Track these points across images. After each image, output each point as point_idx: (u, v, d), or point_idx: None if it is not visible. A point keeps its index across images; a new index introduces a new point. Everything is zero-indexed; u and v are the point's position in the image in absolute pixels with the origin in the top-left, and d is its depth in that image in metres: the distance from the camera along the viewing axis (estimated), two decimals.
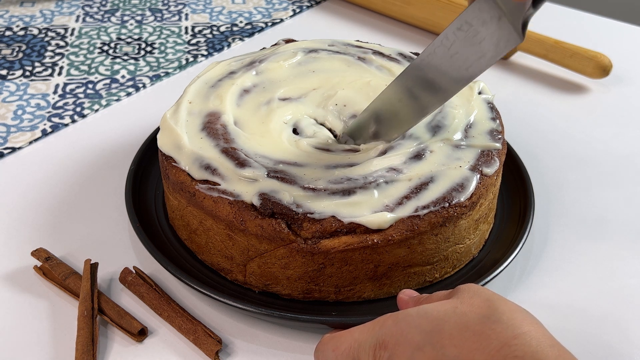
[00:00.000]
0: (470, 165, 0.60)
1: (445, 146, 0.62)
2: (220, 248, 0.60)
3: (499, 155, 0.63)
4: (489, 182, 0.61)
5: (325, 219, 0.56)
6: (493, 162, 0.62)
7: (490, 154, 0.63)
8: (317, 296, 0.59)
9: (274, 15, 1.09)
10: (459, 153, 0.62)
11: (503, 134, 0.66)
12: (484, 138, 0.64)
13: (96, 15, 1.08)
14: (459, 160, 0.61)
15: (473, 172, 0.60)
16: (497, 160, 0.63)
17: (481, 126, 0.65)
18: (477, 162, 0.61)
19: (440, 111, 0.66)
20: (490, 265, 0.61)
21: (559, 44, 0.94)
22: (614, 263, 0.66)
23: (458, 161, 0.61)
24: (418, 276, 0.60)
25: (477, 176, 0.60)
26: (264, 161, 0.61)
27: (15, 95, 0.88)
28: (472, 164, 0.61)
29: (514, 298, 0.62)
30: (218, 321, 0.60)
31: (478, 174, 0.60)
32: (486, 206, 0.62)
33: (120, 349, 0.57)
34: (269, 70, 0.72)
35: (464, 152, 0.62)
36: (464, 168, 0.60)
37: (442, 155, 0.61)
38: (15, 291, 0.62)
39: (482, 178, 0.60)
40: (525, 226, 0.64)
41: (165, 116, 0.66)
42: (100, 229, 0.69)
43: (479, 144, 0.63)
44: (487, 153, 0.63)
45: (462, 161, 0.61)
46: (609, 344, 0.59)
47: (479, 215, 0.61)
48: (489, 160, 0.62)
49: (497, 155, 0.63)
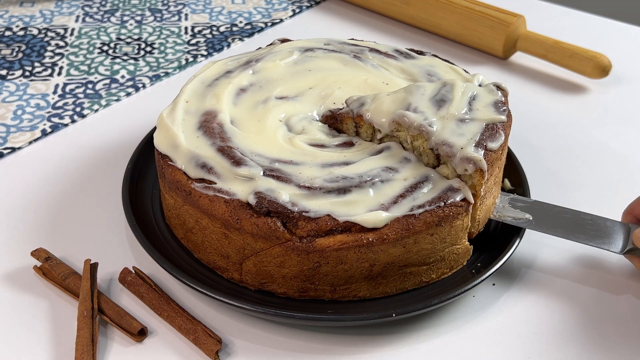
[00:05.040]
0: (475, 141, 0.60)
1: (450, 121, 0.61)
2: (216, 247, 0.61)
3: (504, 129, 0.62)
4: (494, 157, 0.60)
5: (321, 218, 0.56)
6: (498, 136, 0.61)
7: (495, 128, 0.62)
8: (312, 295, 0.59)
9: (274, 15, 1.10)
10: (463, 128, 0.61)
11: (507, 104, 0.65)
12: (488, 111, 0.63)
13: (96, 15, 1.08)
14: (462, 136, 0.60)
15: (477, 149, 0.59)
16: (502, 134, 0.62)
17: (485, 98, 0.65)
18: (481, 137, 0.60)
19: (444, 85, 0.65)
20: (485, 266, 0.61)
21: (558, 44, 0.94)
22: (615, 262, 0.66)
23: (461, 137, 0.60)
24: (414, 276, 0.60)
25: (482, 151, 0.59)
26: (260, 160, 0.61)
27: (15, 95, 0.88)
28: (477, 140, 0.60)
29: (512, 298, 0.62)
30: (218, 321, 0.60)
31: (482, 149, 0.60)
32: (492, 181, 0.62)
33: (120, 349, 0.57)
34: (265, 69, 0.73)
35: (468, 127, 0.61)
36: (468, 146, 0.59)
37: (447, 131, 0.60)
38: (15, 291, 0.62)
39: (487, 153, 0.60)
40: (521, 227, 0.64)
41: (161, 115, 0.67)
42: (100, 228, 0.69)
43: (484, 117, 0.62)
44: (491, 127, 0.62)
45: (465, 137, 0.60)
46: (609, 344, 0.59)
47: (484, 191, 0.61)
48: (494, 135, 0.61)
49: (502, 128, 0.62)
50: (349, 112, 0.66)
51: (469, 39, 1.00)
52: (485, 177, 0.59)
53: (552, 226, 0.63)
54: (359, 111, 0.65)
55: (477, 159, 0.58)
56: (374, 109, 0.64)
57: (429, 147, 0.61)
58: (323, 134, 0.66)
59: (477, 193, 0.60)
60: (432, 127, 0.60)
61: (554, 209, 0.65)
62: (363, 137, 0.66)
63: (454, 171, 0.60)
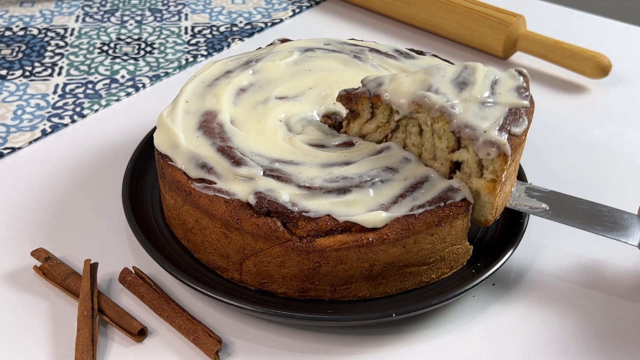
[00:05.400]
0: (499, 124, 0.58)
1: (472, 104, 0.59)
2: (216, 247, 0.61)
3: (527, 114, 0.61)
4: (517, 142, 0.59)
5: (321, 218, 0.56)
6: (522, 121, 0.59)
7: (519, 112, 0.60)
8: (312, 295, 0.59)
9: (274, 15, 1.10)
10: (485, 111, 0.59)
11: (529, 89, 0.63)
12: (511, 95, 0.61)
13: (96, 15, 1.08)
14: (485, 120, 0.58)
15: (501, 133, 0.57)
16: (526, 119, 0.60)
17: (507, 83, 0.63)
18: (505, 121, 0.58)
19: (465, 68, 0.63)
20: (485, 266, 0.61)
21: (558, 44, 0.94)
22: (614, 262, 0.66)
23: (484, 120, 0.58)
24: (414, 276, 0.60)
25: (506, 136, 0.57)
26: (260, 160, 0.61)
27: (15, 95, 0.88)
28: (500, 124, 0.58)
29: (512, 298, 0.62)
30: (218, 321, 0.60)
31: (506, 133, 0.57)
32: (512, 167, 0.61)
33: (120, 349, 0.57)
34: (265, 69, 0.73)
35: (491, 110, 0.59)
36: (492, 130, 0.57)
37: (470, 114, 0.58)
38: (15, 291, 0.62)
39: (511, 138, 0.58)
40: (521, 226, 0.64)
41: (161, 115, 0.67)
42: (100, 229, 0.69)
43: (507, 102, 0.60)
44: (514, 111, 0.59)
45: (489, 120, 0.58)
46: (609, 344, 0.59)
47: (505, 177, 0.59)
48: (517, 119, 0.59)
49: (526, 113, 0.60)
50: (365, 92, 0.64)
51: (469, 39, 1.00)
52: (508, 162, 0.57)
53: (568, 217, 0.62)
54: (377, 91, 0.63)
55: (501, 143, 0.57)
56: (393, 89, 0.62)
57: (450, 130, 0.59)
58: (323, 134, 0.66)
59: (497, 179, 0.58)
60: (454, 109, 0.58)
61: (571, 200, 0.64)
62: (379, 118, 0.65)
63: (474, 155, 0.58)
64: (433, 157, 0.62)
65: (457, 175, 0.61)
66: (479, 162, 0.59)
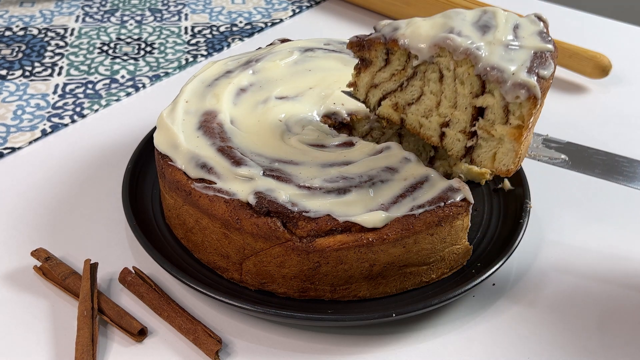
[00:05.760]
0: (526, 67, 0.56)
1: (497, 46, 0.57)
2: (216, 246, 0.61)
3: (552, 57, 0.59)
4: (545, 85, 0.57)
5: (321, 218, 0.56)
6: (548, 64, 0.58)
7: (544, 56, 0.58)
8: (312, 295, 0.59)
9: (274, 15, 1.10)
10: (511, 54, 0.57)
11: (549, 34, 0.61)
12: (534, 39, 0.59)
13: (96, 15, 1.08)
14: (512, 62, 0.56)
15: (530, 75, 0.55)
16: (552, 62, 0.58)
17: (529, 28, 0.60)
18: (532, 64, 0.56)
19: (485, 12, 0.61)
20: (485, 266, 0.61)
21: (558, 44, 0.94)
22: (614, 262, 0.66)
23: (511, 62, 0.56)
24: (414, 276, 0.60)
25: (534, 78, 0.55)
26: (260, 160, 0.61)
27: (15, 95, 0.88)
28: (528, 66, 0.56)
29: (512, 298, 0.62)
30: (218, 321, 0.60)
31: (535, 76, 0.55)
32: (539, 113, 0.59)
33: (120, 349, 0.57)
34: (265, 69, 0.73)
35: (517, 53, 0.57)
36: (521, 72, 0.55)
37: (496, 56, 0.56)
38: (15, 291, 0.62)
39: (539, 80, 0.56)
40: (521, 227, 0.64)
41: (161, 115, 0.67)
42: (100, 229, 0.69)
43: (531, 45, 0.58)
44: (540, 55, 0.58)
45: (516, 63, 0.56)
46: (610, 343, 0.59)
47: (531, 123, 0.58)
48: (544, 62, 0.57)
49: (551, 57, 0.59)
50: (380, 37, 0.61)
51: None
52: (537, 105, 0.56)
53: (588, 167, 0.61)
54: (393, 36, 0.60)
55: (532, 85, 0.54)
56: (411, 33, 0.59)
57: (475, 74, 0.57)
58: (323, 134, 0.66)
59: (524, 124, 0.56)
60: (479, 51, 0.56)
61: (589, 151, 0.63)
62: (394, 65, 0.62)
63: (501, 99, 0.56)
64: (453, 105, 0.60)
65: (480, 122, 0.59)
66: (504, 107, 0.57)
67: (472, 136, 0.60)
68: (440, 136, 0.62)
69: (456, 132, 0.61)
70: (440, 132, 0.62)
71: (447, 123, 0.61)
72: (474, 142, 0.60)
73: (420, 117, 0.63)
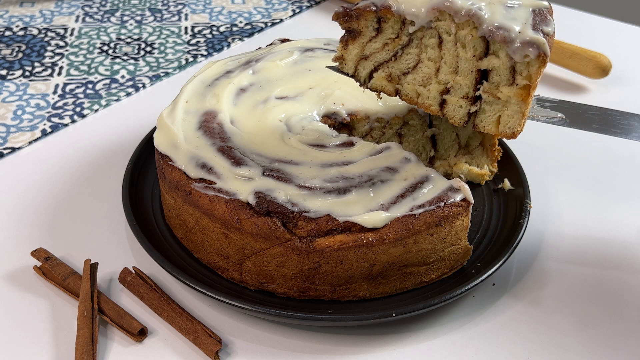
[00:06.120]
0: (530, 25, 0.55)
1: (497, 6, 0.55)
2: (216, 247, 0.61)
3: (550, 14, 0.58)
4: (551, 42, 0.56)
5: (321, 218, 0.56)
6: (549, 21, 0.57)
7: (543, 12, 0.57)
8: (312, 295, 0.59)
9: (274, 15, 1.10)
10: (512, 13, 0.55)
11: None
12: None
13: (96, 15, 1.08)
14: (515, 20, 0.55)
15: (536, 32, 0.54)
16: (552, 19, 0.58)
17: None
18: (534, 21, 0.55)
19: None
20: (485, 266, 0.61)
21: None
22: (614, 262, 0.66)
23: (515, 21, 0.55)
24: (414, 276, 0.60)
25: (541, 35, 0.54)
26: (260, 159, 0.61)
27: (15, 95, 0.88)
28: (532, 24, 0.55)
29: (512, 298, 0.62)
30: (218, 321, 0.60)
31: (540, 33, 0.55)
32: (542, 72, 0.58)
33: (120, 349, 0.57)
34: (265, 69, 0.73)
35: (517, 12, 0.56)
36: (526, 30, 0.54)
37: (499, 15, 0.55)
38: (15, 291, 0.62)
39: (546, 37, 0.55)
40: (521, 227, 0.64)
41: (161, 115, 0.67)
42: (100, 229, 0.69)
43: (528, 3, 0.57)
44: (538, 12, 0.57)
45: (519, 21, 0.55)
46: (610, 343, 0.59)
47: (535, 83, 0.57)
48: (545, 19, 0.57)
49: (549, 13, 0.58)
50: (369, 5, 0.59)
51: None
52: (546, 63, 0.54)
53: (585, 123, 0.60)
54: (385, 2, 0.57)
55: (541, 42, 0.53)
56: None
57: (479, 35, 0.55)
58: (323, 134, 0.66)
59: (532, 84, 0.55)
60: (481, 11, 0.54)
61: (582, 107, 0.62)
62: (387, 34, 0.60)
63: (507, 60, 0.55)
64: (454, 71, 0.58)
65: (485, 86, 0.58)
66: (511, 68, 0.56)
67: (475, 101, 0.58)
68: (440, 104, 0.60)
69: (458, 99, 0.59)
70: (440, 100, 0.60)
71: (448, 90, 0.59)
72: (477, 107, 0.58)
73: (418, 86, 0.61)
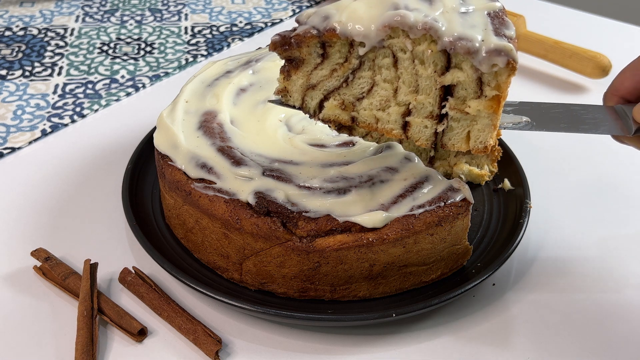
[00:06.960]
0: (492, 30, 0.51)
1: (453, 14, 0.51)
2: (216, 247, 0.61)
3: (505, 14, 0.54)
4: (516, 46, 0.52)
5: (321, 218, 0.56)
6: (507, 23, 0.53)
7: (499, 15, 0.53)
8: (312, 295, 0.59)
9: (274, 15, 1.10)
10: (469, 19, 0.51)
11: None
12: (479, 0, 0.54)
13: (96, 15, 1.08)
14: (475, 28, 0.51)
15: (500, 38, 0.50)
16: (510, 21, 0.53)
17: None
18: (494, 25, 0.52)
19: None
20: (485, 266, 0.61)
21: (558, 44, 0.94)
22: (614, 262, 0.66)
23: (475, 29, 0.51)
24: (414, 276, 0.60)
25: (505, 40, 0.50)
26: (260, 159, 0.61)
27: (15, 95, 0.88)
28: (492, 29, 0.51)
29: (512, 298, 0.62)
30: (218, 321, 0.60)
31: (504, 38, 0.51)
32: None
33: (120, 349, 0.57)
34: (265, 69, 0.73)
35: (474, 18, 0.52)
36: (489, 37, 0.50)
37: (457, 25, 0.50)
38: (15, 291, 0.62)
39: (510, 41, 0.51)
40: (521, 227, 0.64)
41: (161, 115, 0.67)
42: (100, 229, 0.69)
43: (482, 6, 0.53)
44: (495, 15, 0.53)
45: (479, 28, 0.51)
46: (610, 344, 0.59)
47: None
48: (503, 22, 0.53)
49: (504, 14, 0.54)
50: (309, 30, 0.53)
51: None
52: (515, 70, 0.50)
53: (552, 123, 0.57)
54: (328, 25, 0.52)
55: (509, 48, 0.49)
56: (348, 17, 0.51)
57: (438, 49, 0.51)
58: (323, 134, 0.66)
59: (501, 94, 0.51)
60: (438, 23, 0.50)
61: (544, 106, 0.58)
62: (334, 59, 0.55)
63: (473, 72, 0.51)
64: (415, 90, 0.54)
65: (450, 102, 0.54)
66: (477, 80, 0.52)
67: (441, 119, 0.54)
68: (402, 127, 0.56)
69: (422, 119, 0.55)
70: (402, 122, 0.56)
71: (410, 111, 0.55)
72: (444, 125, 0.55)
73: (376, 111, 0.56)
